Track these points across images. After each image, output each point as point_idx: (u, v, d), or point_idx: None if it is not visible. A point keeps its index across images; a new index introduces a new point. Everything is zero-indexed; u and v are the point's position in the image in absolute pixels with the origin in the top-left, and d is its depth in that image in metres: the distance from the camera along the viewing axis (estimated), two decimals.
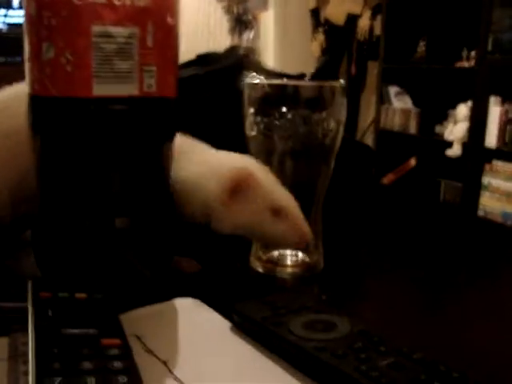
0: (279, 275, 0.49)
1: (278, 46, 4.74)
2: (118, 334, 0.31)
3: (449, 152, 3.27)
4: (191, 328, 0.37)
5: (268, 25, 4.86)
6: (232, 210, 0.44)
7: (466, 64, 3.33)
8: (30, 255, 0.41)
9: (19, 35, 0.37)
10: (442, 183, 3.54)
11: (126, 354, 0.28)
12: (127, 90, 0.36)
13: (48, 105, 0.36)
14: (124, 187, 0.39)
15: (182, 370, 0.32)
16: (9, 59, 3.12)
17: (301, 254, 0.51)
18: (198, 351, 0.34)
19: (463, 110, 3.20)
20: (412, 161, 3.74)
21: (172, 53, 0.38)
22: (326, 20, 4.36)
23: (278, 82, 0.47)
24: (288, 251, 0.50)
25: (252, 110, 0.47)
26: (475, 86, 3.09)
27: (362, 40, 4.20)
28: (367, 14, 4.17)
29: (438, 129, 3.54)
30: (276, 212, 0.44)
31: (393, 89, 3.93)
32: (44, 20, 0.35)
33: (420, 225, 0.73)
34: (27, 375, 0.26)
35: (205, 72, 0.62)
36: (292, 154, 0.48)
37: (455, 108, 3.32)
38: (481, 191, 3.12)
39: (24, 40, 0.37)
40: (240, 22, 6.06)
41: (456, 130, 3.25)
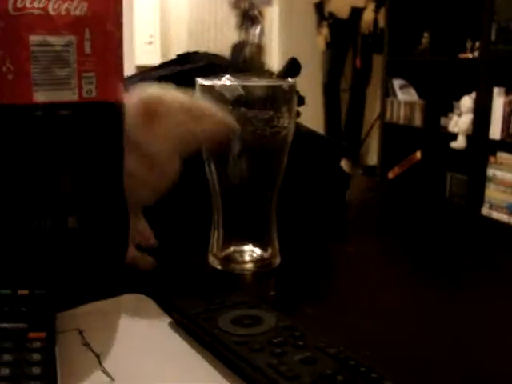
0: (236, 272, 0.51)
1: (283, 41, 4.74)
2: (46, 328, 0.32)
3: (453, 144, 3.27)
4: (132, 323, 0.39)
5: (273, 20, 4.86)
6: (156, 129, 0.46)
7: (470, 55, 3.32)
8: None
9: None
10: (448, 176, 3.53)
11: (47, 347, 0.30)
12: (66, 96, 0.37)
13: None
14: (70, 188, 0.40)
15: (113, 363, 0.33)
16: None
17: (258, 251, 0.52)
18: (133, 346, 0.36)
19: (467, 101, 3.19)
20: (417, 154, 3.73)
21: (113, 58, 0.40)
22: (331, 14, 4.35)
23: (226, 83, 0.48)
24: (245, 247, 0.52)
25: None
26: (479, 77, 3.07)
27: (367, 33, 4.19)
28: (371, 7, 4.16)
29: (443, 121, 3.53)
30: (197, 118, 0.47)
31: (397, 81, 3.92)
32: None
33: (418, 221, 0.74)
34: None
35: (172, 73, 0.63)
36: (244, 151, 0.49)
37: (460, 100, 3.31)
38: (486, 183, 3.11)
39: None
40: (247, 17, 6.06)
41: (460, 121, 3.23)
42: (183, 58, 0.75)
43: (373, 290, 0.49)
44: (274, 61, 4.84)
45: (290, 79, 0.51)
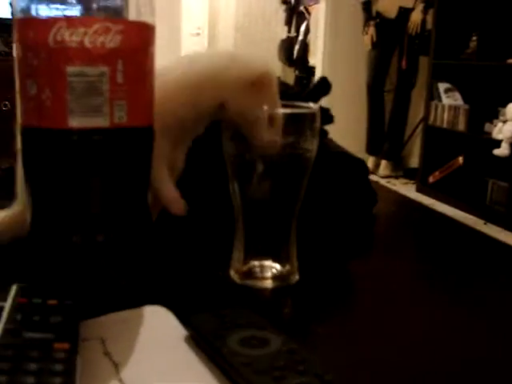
0: (255, 287, 0.53)
1: (328, 39, 4.72)
2: (70, 339, 0.35)
3: (496, 151, 3.21)
4: (150, 335, 0.42)
5: (319, 17, 4.85)
6: (247, 97, 0.50)
7: None
8: None
9: None
10: (490, 183, 3.47)
11: (69, 358, 0.33)
12: (99, 122, 0.40)
13: (33, 135, 0.42)
14: (101, 208, 0.43)
15: (129, 372, 0.36)
16: None
17: (278, 266, 0.54)
18: (149, 357, 0.39)
19: None
20: (459, 159, 3.68)
21: (143, 87, 0.43)
22: (378, 13, 4.32)
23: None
24: (265, 262, 0.54)
25: (228, 133, 0.51)
26: None
27: (414, 34, 4.15)
28: (419, 8, 4.11)
29: (487, 127, 3.48)
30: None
31: (443, 85, 3.87)
32: (28, 60, 0.40)
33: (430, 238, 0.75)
34: None
35: None
36: (267, 171, 0.51)
37: (506, 106, 3.25)
38: None
39: (14, 76, 0.42)
40: (295, 13, 6.05)
41: (505, 129, 3.18)
42: None
43: (392, 312, 0.50)
44: (318, 59, 4.83)
45: (313, 104, 0.53)
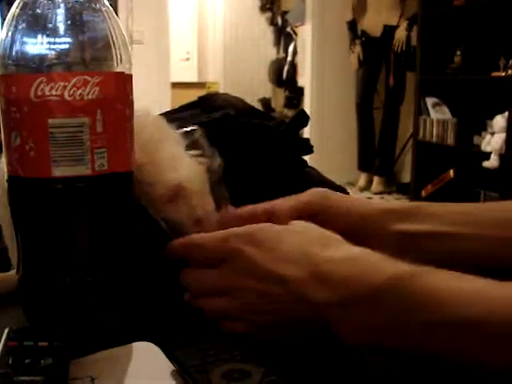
0: None
1: (316, 59, 4.78)
2: (60, 380, 0.37)
3: (486, 163, 3.25)
4: (139, 371, 0.43)
5: (306, 38, 4.91)
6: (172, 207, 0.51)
7: (503, 73, 3.30)
8: None
9: None
10: (481, 194, 3.51)
11: None
12: (81, 170, 0.42)
13: (19, 184, 0.44)
14: (88, 251, 0.45)
15: None
16: None
17: None
18: None
19: (500, 120, 3.17)
20: (450, 172, 3.72)
21: (122, 133, 0.45)
22: (363, 32, 4.38)
23: None
24: None
25: None
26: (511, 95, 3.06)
27: (400, 51, 4.21)
28: (404, 25, 4.18)
29: (476, 139, 3.52)
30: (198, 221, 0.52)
31: (430, 100, 3.92)
32: (11, 113, 0.42)
33: None
34: None
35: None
36: None
37: (493, 118, 3.29)
38: None
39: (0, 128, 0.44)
40: (283, 34, 6.13)
41: (493, 140, 3.22)
42: (202, 102, 0.79)
43: None
44: (307, 80, 4.89)
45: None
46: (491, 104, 3.39)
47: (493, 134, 3.26)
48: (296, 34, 5.69)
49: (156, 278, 0.55)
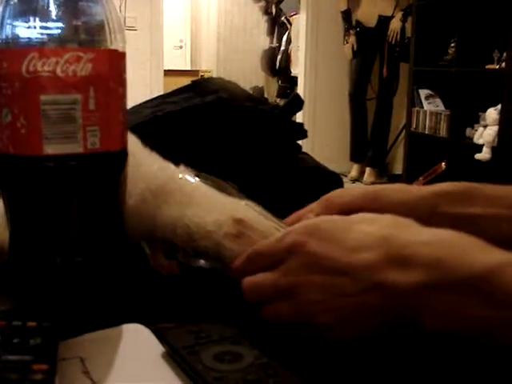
0: None
1: (310, 48, 4.76)
2: (49, 361, 0.36)
3: (478, 156, 3.26)
4: (129, 352, 0.43)
5: (300, 27, 4.89)
6: (235, 246, 0.50)
7: (497, 66, 3.30)
8: None
9: None
10: None
11: (47, 379, 0.34)
12: (73, 148, 0.42)
13: (9, 162, 0.43)
14: (79, 231, 0.45)
15: None
16: None
17: None
18: (127, 375, 0.40)
19: (493, 113, 3.18)
20: (442, 164, 3.72)
21: (115, 112, 0.44)
22: (358, 22, 4.37)
23: None
24: None
25: None
26: (505, 88, 3.06)
27: (394, 42, 4.20)
28: (398, 16, 4.17)
29: (468, 132, 3.52)
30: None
31: (423, 91, 3.91)
32: (2, 89, 0.41)
33: None
34: None
35: (179, 109, 0.67)
36: None
37: (486, 111, 3.30)
38: None
39: None
40: (277, 23, 6.10)
41: (486, 133, 3.22)
42: (196, 86, 0.79)
43: None
44: (301, 69, 4.87)
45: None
46: (484, 97, 3.39)
47: (485, 126, 3.26)
48: (290, 24, 5.67)
49: (146, 259, 0.55)
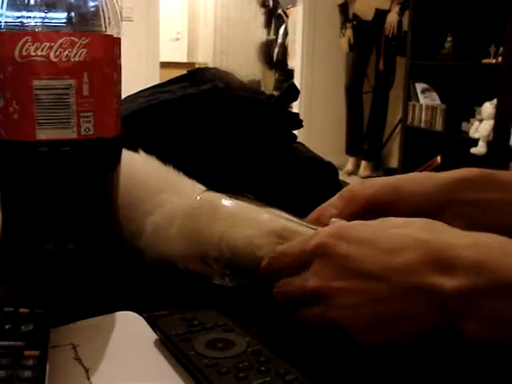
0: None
1: (306, 41, 4.75)
2: (40, 347, 0.36)
3: (473, 150, 3.26)
4: (121, 340, 0.43)
5: (297, 20, 4.88)
6: None
7: (493, 61, 3.30)
8: None
9: None
10: None
11: (39, 365, 0.34)
12: (66, 134, 0.41)
13: (2, 147, 0.42)
14: (71, 217, 0.44)
15: (100, 377, 0.37)
16: None
17: None
18: (119, 362, 0.40)
19: (489, 107, 3.18)
20: (438, 158, 3.73)
21: (110, 98, 0.44)
22: (355, 15, 4.36)
23: None
24: None
25: None
26: (501, 83, 3.06)
27: (390, 35, 4.19)
28: (395, 9, 4.16)
29: (464, 126, 3.53)
30: None
31: (420, 85, 3.91)
32: None
33: None
34: None
35: (174, 97, 0.67)
36: None
37: (482, 105, 3.30)
38: None
39: None
40: (274, 16, 6.08)
41: (481, 127, 3.23)
42: (191, 75, 0.78)
43: None
44: (297, 62, 4.86)
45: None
46: (480, 91, 3.39)
47: (481, 120, 3.27)
48: (287, 16, 5.65)
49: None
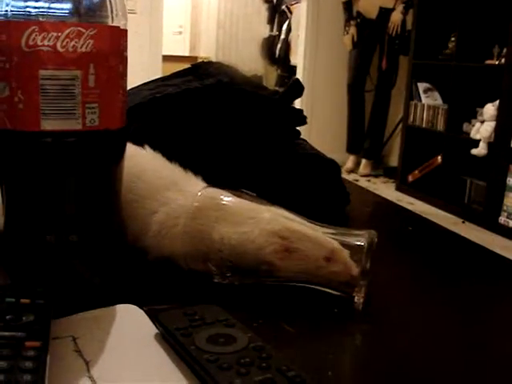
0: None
1: (310, 38, 4.74)
2: (41, 338, 0.36)
3: (474, 151, 3.26)
4: (121, 333, 0.43)
5: (301, 17, 4.87)
6: (288, 263, 0.49)
7: (497, 62, 3.30)
8: None
9: None
10: (468, 182, 3.52)
11: (40, 356, 0.34)
12: (71, 125, 0.41)
13: (6, 137, 0.42)
14: (75, 209, 0.44)
15: (100, 370, 0.37)
16: None
17: None
18: (120, 354, 0.39)
19: (490, 109, 3.18)
20: (438, 158, 3.73)
21: (115, 90, 0.43)
22: (359, 13, 4.35)
23: None
24: None
25: None
26: (503, 84, 3.06)
27: (394, 34, 4.19)
28: (400, 8, 4.15)
29: (465, 127, 3.52)
30: (328, 258, 0.49)
31: (422, 85, 3.91)
32: (0, 63, 0.41)
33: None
34: None
35: (179, 91, 0.66)
36: None
37: (484, 106, 3.29)
38: (505, 192, 3.10)
39: None
40: (277, 12, 6.07)
41: (483, 128, 3.23)
42: (195, 69, 0.78)
43: (363, 312, 0.50)
44: (300, 58, 4.85)
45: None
46: (482, 92, 3.39)
47: (483, 121, 3.26)
48: (291, 12, 5.64)
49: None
